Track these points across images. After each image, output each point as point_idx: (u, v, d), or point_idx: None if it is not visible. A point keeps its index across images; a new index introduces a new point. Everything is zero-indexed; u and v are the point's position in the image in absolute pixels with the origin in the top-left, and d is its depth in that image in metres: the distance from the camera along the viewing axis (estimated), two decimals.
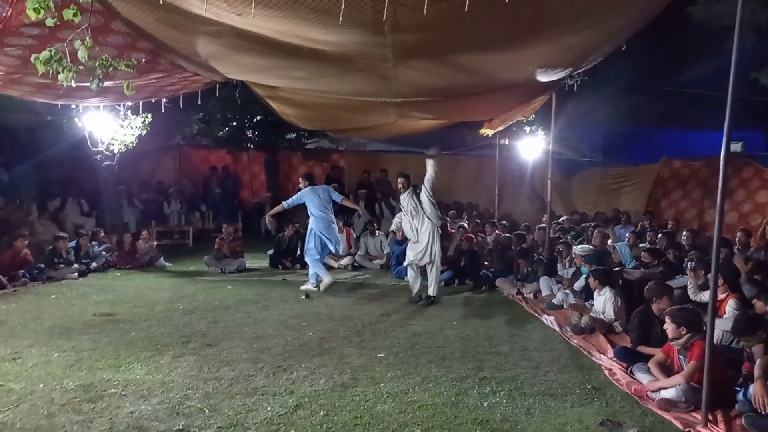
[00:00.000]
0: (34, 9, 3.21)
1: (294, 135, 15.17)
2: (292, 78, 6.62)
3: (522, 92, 7.64)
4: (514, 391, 4.38)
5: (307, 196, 8.08)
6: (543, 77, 6.47)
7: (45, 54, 3.56)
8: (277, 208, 8.41)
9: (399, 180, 7.76)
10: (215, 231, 12.72)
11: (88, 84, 4.23)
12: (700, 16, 9.31)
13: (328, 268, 10.08)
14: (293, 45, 4.99)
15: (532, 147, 11.98)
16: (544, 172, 11.50)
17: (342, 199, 8.49)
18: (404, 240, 9.79)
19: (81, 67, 3.78)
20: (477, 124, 12.60)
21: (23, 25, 4.72)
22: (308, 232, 8.13)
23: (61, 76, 3.68)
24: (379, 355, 5.24)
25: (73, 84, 3.78)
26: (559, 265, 8.45)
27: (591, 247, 8.10)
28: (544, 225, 10.07)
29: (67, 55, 3.72)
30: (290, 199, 8.30)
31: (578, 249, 7.87)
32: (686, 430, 3.76)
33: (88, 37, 3.61)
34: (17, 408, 3.89)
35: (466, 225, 10.78)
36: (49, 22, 3.41)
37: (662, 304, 4.86)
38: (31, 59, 3.67)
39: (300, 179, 8.44)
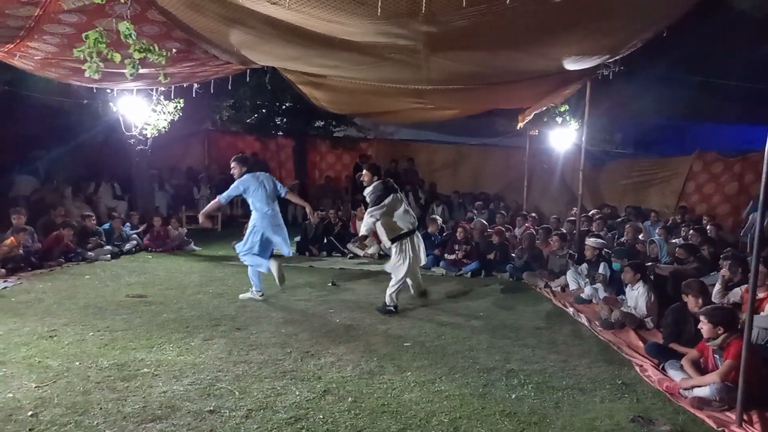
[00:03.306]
0: None
1: (322, 123, 15.21)
2: (323, 66, 6.62)
3: (556, 80, 7.50)
4: (542, 384, 4.35)
5: (248, 184, 6.57)
6: (578, 65, 6.33)
7: (93, 32, 3.62)
8: (213, 205, 6.92)
9: (365, 173, 6.54)
10: (243, 217, 12.86)
11: (123, 70, 4.30)
12: (743, 4, 8.98)
13: (354, 256, 10.12)
14: (325, 35, 4.98)
15: (563, 138, 11.77)
16: (574, 163, 11.32)
17: (286, 191, 6.94)
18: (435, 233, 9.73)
19: (117, 55, 3.83)
20: (507, 113, 12.45)
21: (62, 11, 4.80)
22: (251, 228, 6.71)
23: (87, 71, 3.75)
24: (405, 344, 5.24)
25: (97, 76, 3.85)
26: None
27: (602, 240, 7.94)
28: (573, 218, 9.93)
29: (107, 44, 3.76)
30: (226, 192, 6.69)
31: (591, 241, 7.75)
32: (720, 429, 3.69)
33: (128, 22, 3.65)
34: (55, 384, 4.01)
35: (484, 221, 10.62)
36: None
37: (695, 299, 4.75)
38: (83, 36, 3.72)
39: (232, 163, 6.76)
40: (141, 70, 4.51)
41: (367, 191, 6.45)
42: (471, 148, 15.74)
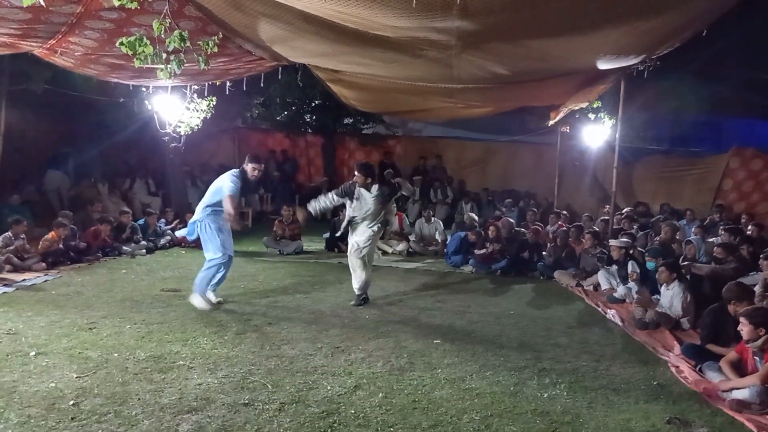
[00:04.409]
0: None
1: (351, 120, 15.25)
2: (355, 64, 6.64)
3: (588, 76, 7.38)
4: (574, 384, 4.30)
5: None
6: (614, 63, 6.22)
7: (129, 39, 3.71)
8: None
9: (357, 176, 6.25)
10: (273, 213, 13.00)
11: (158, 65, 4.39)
12: None
13: (383, 253, 10.13)
14: (358, 31, 4.99)
15: (595, 134, 11.58)
16: (607, 160, 11.12)
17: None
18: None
19: (164, 54, 3.92)
20: (537, 110, 12.30)
21: (102, 9, 4.92)
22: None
23: (161, 74, 3.83)
24: (435, 341, 5.24)
25: (169, 81, 3.93)
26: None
27: (627, 240, 7.78)
28: (606, 216, 9.76)
29: (157, 43, 3.85)
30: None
31: (615, 242, 7.62)
32: None
33: (167, 19, 3.73)
34: (95, 375, 4.13)
35: (509, 219, 10.52)
36: (131, 4, 3.55)
37: (741, 307, 4.62)
38: (117, 44, 3.82)
39: (258, 163, 6.27)
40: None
41: (373, 193, 6.20)
42: (500, 144, 15.59)
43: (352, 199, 6.39)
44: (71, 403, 3.64)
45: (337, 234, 6.56)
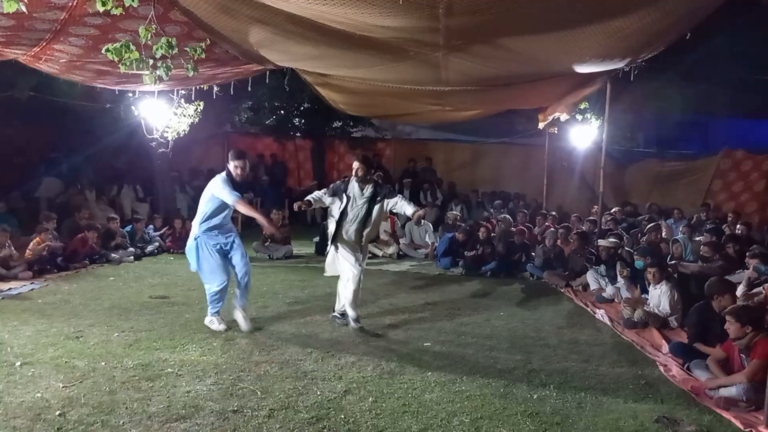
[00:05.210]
0: (102, 1, 3.32)
1: (340, 123, 15.26)
2: (343, 66, 6.64)
3: (575, 79, 7.43)
4: (564, 385, 4.32)
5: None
6: (600, 67, 6.26)
7: (115, 45, 3.70)
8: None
9: (356, 165, 5.64)
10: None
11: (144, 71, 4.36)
12: None
13: (372, 256, 10.11)
14: (345, 32, 4.99)
15: (583, 136, 11.65)
16: (596, 162, 11.19)
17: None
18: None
19: (150, 60, 3.90)
20: (525, 112, 12.36)
21: (86, 14, 4.88)
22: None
23: (147, 80, 3.81)
24: (425, 344, 5.25)
25: (156, 86, 3.92)
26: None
27: (615, 240, 7.84)
28: (593, 217, 9.82)
29: (141, 47, 3.83)
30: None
31: (603, 242, 7.68)
32: (747, 430, 3.63)
33: (153, 25, 3.71)
34: (81, 384, 4.08)
35: (508, 216, 10.61)
36: (116, 11, 3.53)
37: (724, 301, 4.66)
38: (103, 51, 3.80)
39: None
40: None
41: (366, 195, 5.66)
42: (489, 146, 15.67)
43: (342, 199, 5.70)
44: (57, 413, 3.60)
45: (329, 241, 5.92)
